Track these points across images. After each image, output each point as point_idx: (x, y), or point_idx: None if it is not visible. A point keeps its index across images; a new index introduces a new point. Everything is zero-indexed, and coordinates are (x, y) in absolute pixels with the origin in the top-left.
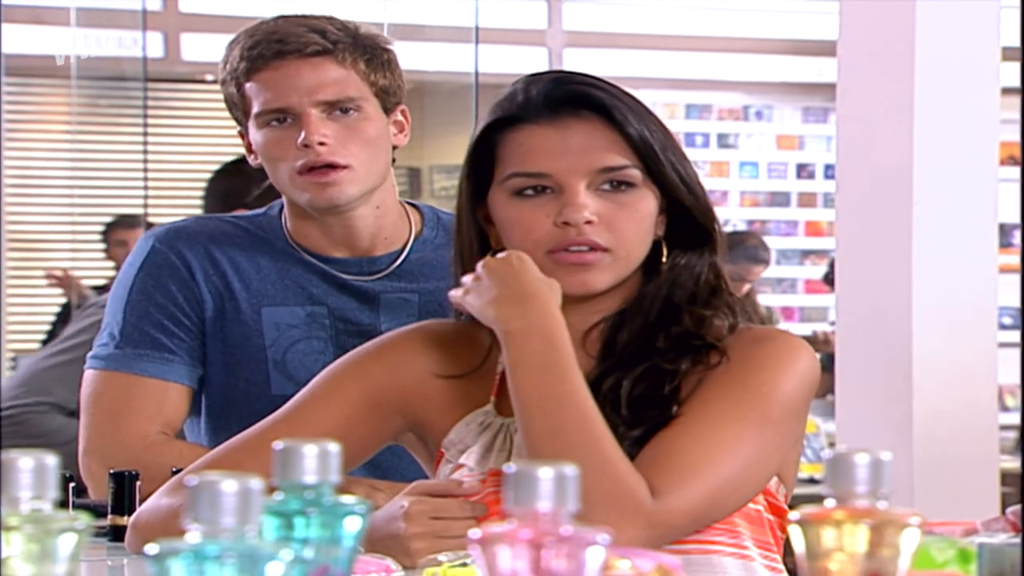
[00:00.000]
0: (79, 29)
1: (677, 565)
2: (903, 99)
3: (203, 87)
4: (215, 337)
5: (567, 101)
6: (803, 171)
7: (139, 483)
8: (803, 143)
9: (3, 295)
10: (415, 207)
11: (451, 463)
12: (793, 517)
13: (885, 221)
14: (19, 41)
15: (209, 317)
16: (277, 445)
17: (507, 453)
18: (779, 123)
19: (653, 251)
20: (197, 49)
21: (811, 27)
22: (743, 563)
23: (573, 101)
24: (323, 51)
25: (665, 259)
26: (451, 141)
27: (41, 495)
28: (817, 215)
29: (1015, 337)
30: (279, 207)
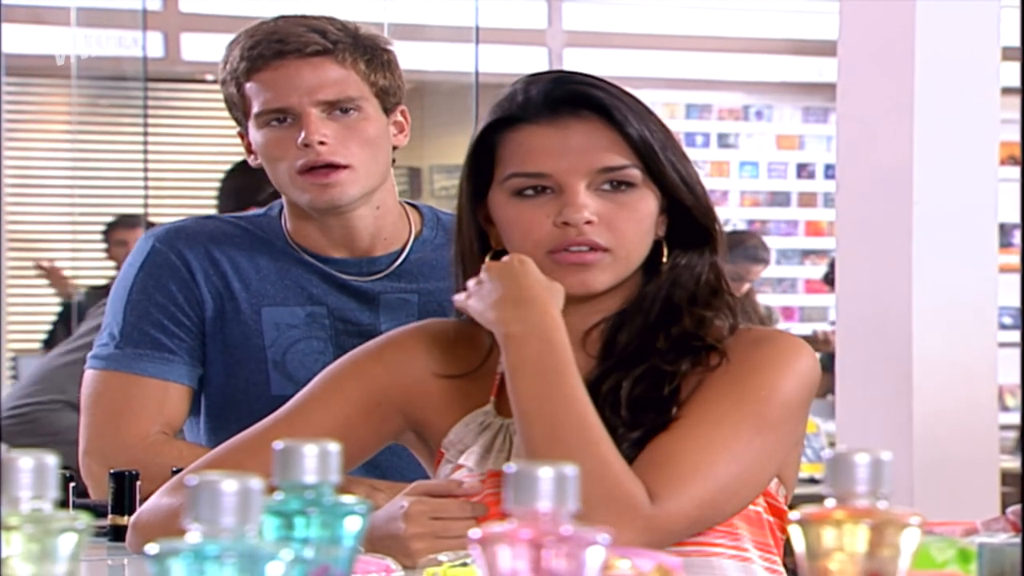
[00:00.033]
0: (79, 29)
1: (677, 565)
2: (903, 99)
3: (203, 87)
4: (215, 337)
5: (567, 101)
6: (803, 171)
7: (139, 483)
8: (803, 143)
9: (3, 295)
10: (415, 207)
11: (451, 463)
12: (793, 517)
13: (885, 221)
14: (19, 41)
15: (209, 317)
16: (277, 445)
17: (507, 454)
18: (779, 123)
19: (654, 251)
20: (197, 49)
21: (811, 27)
22: (742, 565)
23: (573, 101)
24: (323, 51)
25: (665, 259)
26: (451, 141)
27: (41, 495)
28: (817, 215)
29: (1015, 337)
30: (279, 207)
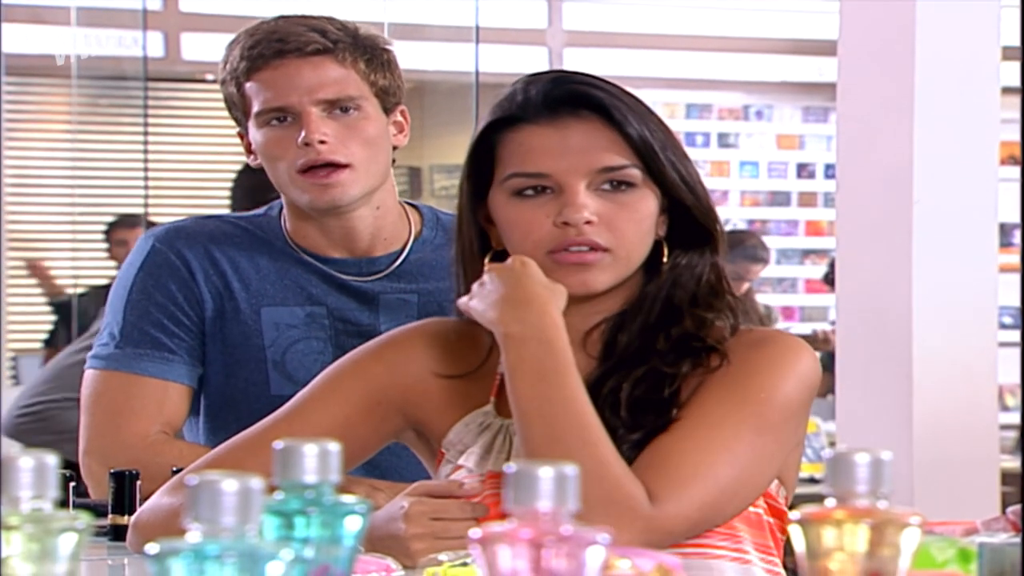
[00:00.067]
0: (79, 28)
1: (677, 565)
2: (903, 99)
3: (203, 87)
4: (214, 337)
5: (566, 101)
6: (803, 171)
7: (139, 483)
8: (803, 143)
9: (3, 295)
10: (415, 207)
11: (451, 463)
12: (793, 516)
13: (885, 221)
14: (19, 41)
15: (209, 317)
16: (277, 444)
17: (507, 454)
18: (779, 123)
19: (654, 251)
20: (197, 49)
21: (811, 27)
22: (742, 567)
23: (572, 101)
24: (323, 50)
25: (666, 259)
26: (451, 141)
27: (41, 494)
28: (817, 215)
29: (1015, 337)
30: (278, 207)
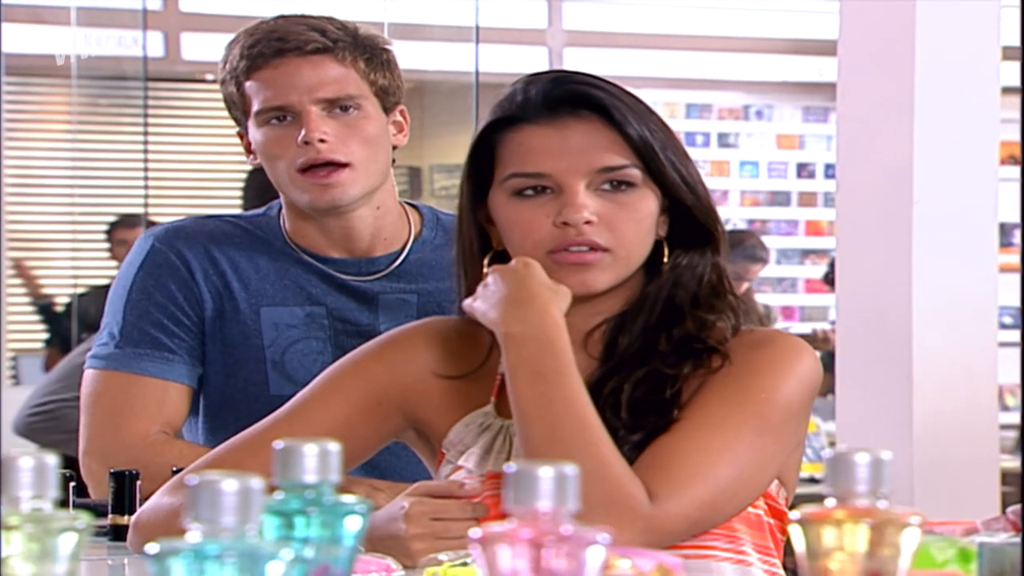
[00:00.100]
0: (79, 28)
1: (677, 564)
2: (903, 99)
3: (203, 87)
4: (214, 337)
5: (566, 101)
6: (803, 170)
7: (139, 483)
8: (803, 142)
9: (3, 295)
10: (415, 207)
11: (451, 463)
12: (793, 516)
13: (885, 221)
14: (19, 41)
15: (209, 317)
16: (277, 444)
17: (506, 455)
18: (779, 122)
19: (655, 251)
20: (197, 49)
21: (811, 27)
22: (742, 569)
23: (572, 101)
24: (323, 49)
25: (667, 259)
26: (451, 141)
27: (41, 494)
28: (817, 214)
29: (1015, 337)
30: (278, 207)
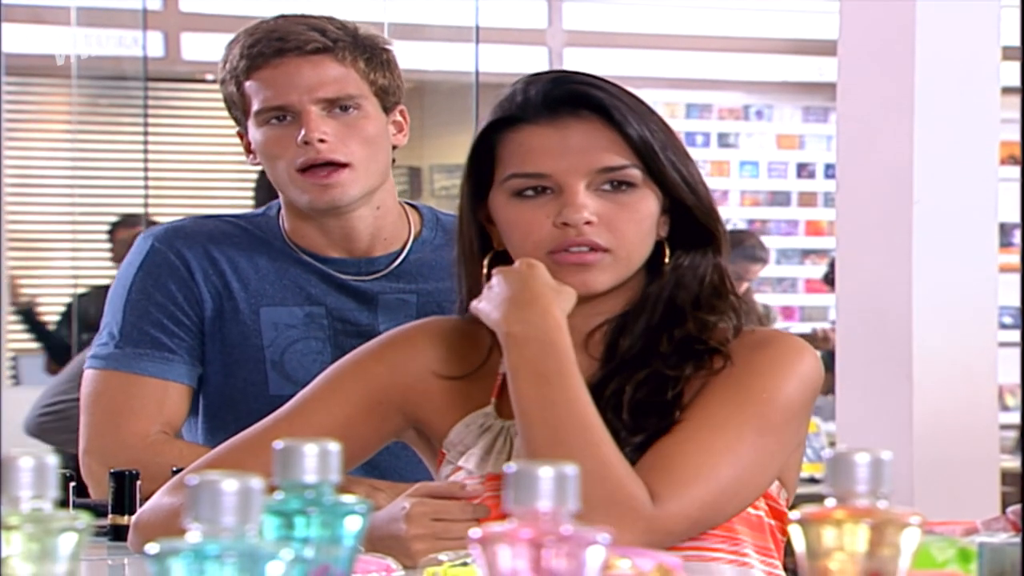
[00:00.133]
0: (79, 28)
1: (677, 564)
2: (903, 99)
3: (203, 87)
4: (214, 337)
5: (566, 101)
6: (803, 170)
7: (139, 483)
8: (803, 142)
9: (3, 295)
10: (414, 208)
11: (451, 464)
12: (793, 516)
13: (885, 221)
14: (19, 41)
15: (208, 317)
16: (277, 444)
17: (507, 456)
18: (779, 122)
19: (656, 252)
20: (197, 49)
21: (811, 27)
22: (742, 570)
23: (572, 101)
24: (323, 49)
25: (668, 260)
26: (451, 141)
27: (41, 494)
28: (817, 214)
29: (1015, 337)
30: (277, 207)
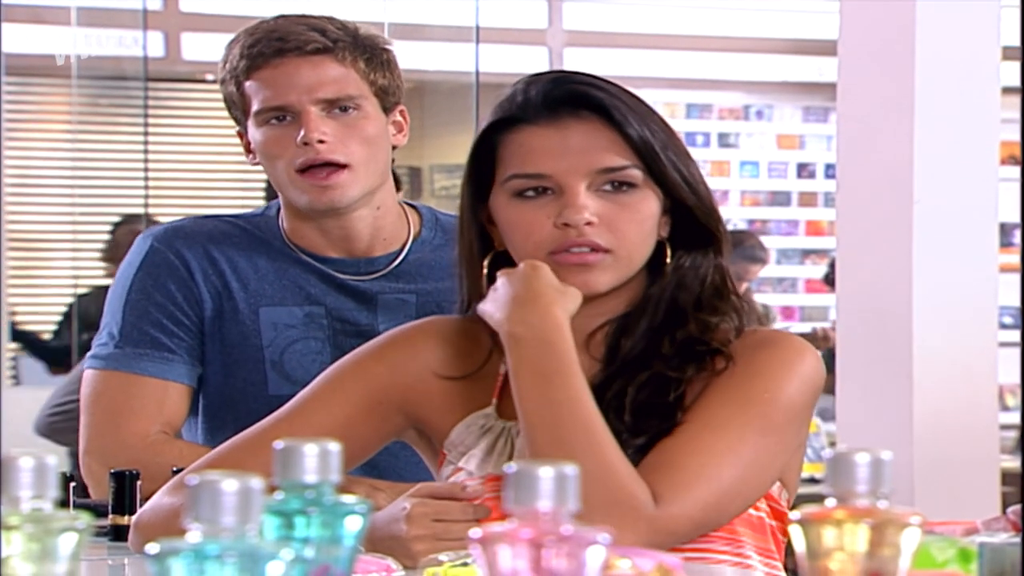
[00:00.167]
0: (79, 28)
1: (678, 564)
2: (903, 99)
3: (203, 87)
4: (213, 337)
5: (566, 101)
6: (803, 170)
7: (139, 483)
8: (803, 142)
9: (3, 295)
10: (414, 208)
11: (452, 464)
12: (794, 516)
13: (885, 221)
14: (19, 41)
15: (208, 317)
16: (278, 444)
17: (508, 457)
18: (779, 122)
19: (657, 253)
20: (197, 49)
21: (811, 27)
22: (744, 572)
23: (572, 101)
24: (323, 49)
25: (669, 260)
26: (451, 141)
27: (41, 494)
28: (817, 214)
29: (1015, 337)
30: (276, 207)
